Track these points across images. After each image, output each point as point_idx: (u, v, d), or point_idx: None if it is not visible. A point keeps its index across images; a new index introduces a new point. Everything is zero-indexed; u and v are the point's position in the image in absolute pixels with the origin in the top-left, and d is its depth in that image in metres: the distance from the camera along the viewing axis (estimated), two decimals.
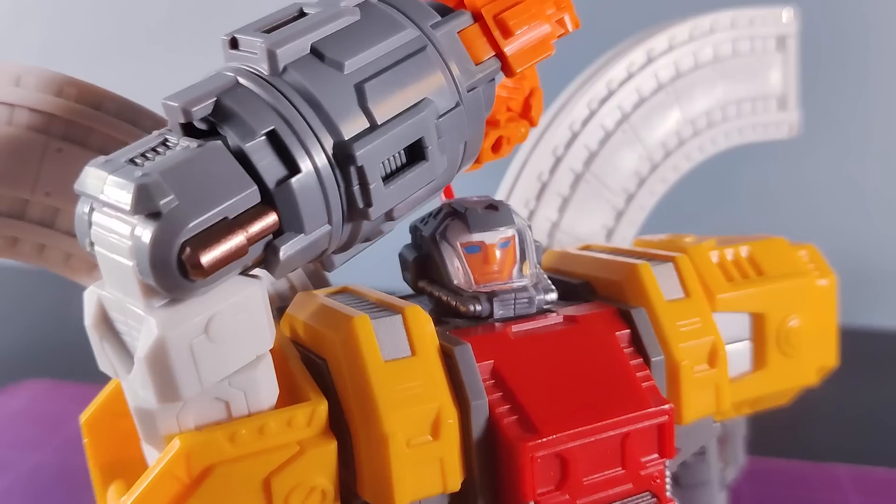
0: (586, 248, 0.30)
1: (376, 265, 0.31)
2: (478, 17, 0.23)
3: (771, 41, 0.36)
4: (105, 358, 0.21)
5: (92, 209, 0.20)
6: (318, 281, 0.28)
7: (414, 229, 0.27)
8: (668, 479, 0.24)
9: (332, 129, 0.20)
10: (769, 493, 0.46)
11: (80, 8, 0.71)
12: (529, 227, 0.26)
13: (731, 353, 0.27)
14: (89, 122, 0.25)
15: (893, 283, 0.65)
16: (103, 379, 0.24)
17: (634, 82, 0.33)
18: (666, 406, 0.23)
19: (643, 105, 0.34)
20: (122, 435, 0.24)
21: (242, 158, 0.20)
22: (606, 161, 0.33)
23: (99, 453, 0.24)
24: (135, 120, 0.25)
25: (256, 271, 0.21)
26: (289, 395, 0.22)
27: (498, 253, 0.25)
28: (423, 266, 0.26)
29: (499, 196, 0.33)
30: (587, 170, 0.33)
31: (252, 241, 0.19)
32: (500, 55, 0.24)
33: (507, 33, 0.23)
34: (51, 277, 0.36)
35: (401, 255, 0.27)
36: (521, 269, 0.26)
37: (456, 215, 0.26)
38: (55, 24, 0.73)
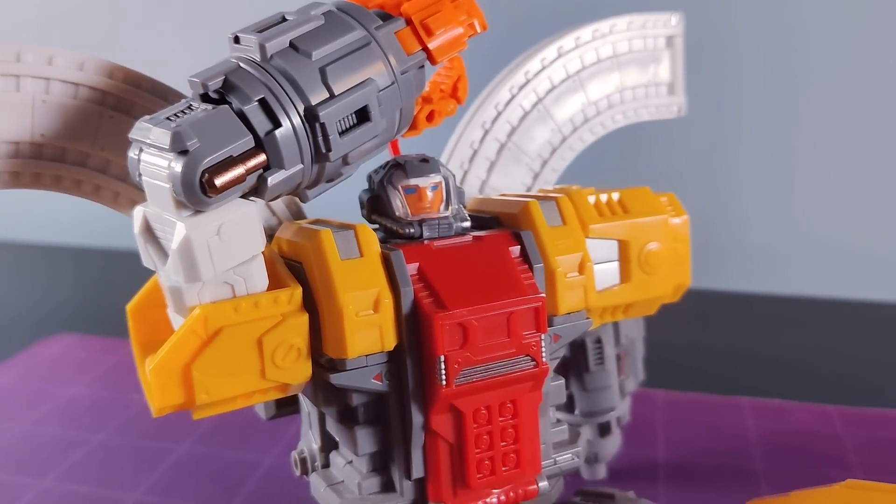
0: (502, 195, 0.40)
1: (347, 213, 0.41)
2: (409, 22, 0.33)
3: (661, 40, 0.46)
4: (148, 256, 0.31)
5: (140, 151, 0.29)
6: (297, 217, 0.38)
7: (369, 178, 0.36)
8: (543, 350, 0.33)
9: (303, 98, 0.30)
10: (683, 418, 0.57)
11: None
12: (453, 176, 0.36)
13: (602, 271, 0.37)
14: (132, 97, 0.34)
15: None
16: (121, 333, 0.33)
17: (547, 72, 0.43)
18: (540, 295, 0.33)
19: (554, 90, 0.43)
20: (157, 321, 0.33)
21: (242, 117, 0.29)
22: (525, 134, 0.43)
23: (139, 334, 0.34)
24: (164, 95, 0.34)
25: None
26: (275, 284, 0.31)
27: (429, 193, 0.35)
28: (374, 204, 0.36)
29: (442, 159, 0.42)
30: (509, 140, 0.43)
31: (249, 172, 0.29)
32: (425, 49, 0.33)
33: (429, 33, 0.33)
34: (77, 255, 0.45)
35: (359, 197, 0.37)
36: (446, 206, 0.35)
37: (398, 166, 0.35)
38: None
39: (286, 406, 0.38)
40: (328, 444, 0.36)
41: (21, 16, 0.96)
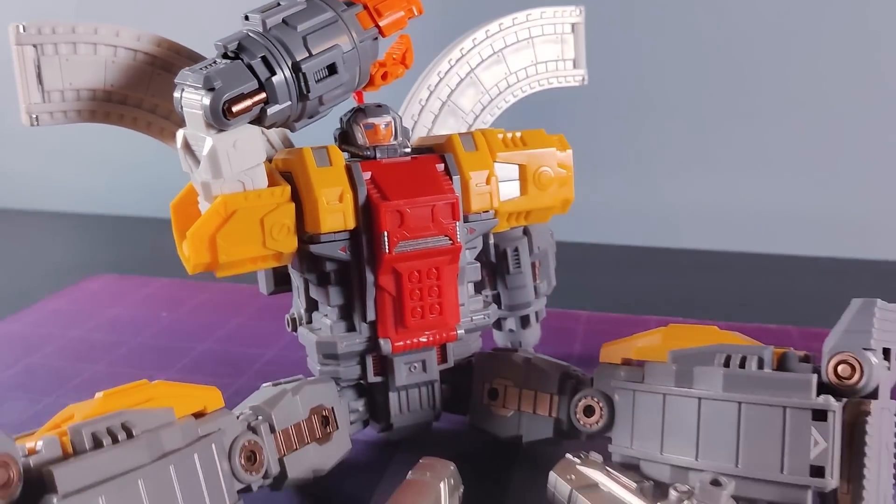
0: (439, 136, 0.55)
1: None
2: (365, 7, 0.48)
3: (568, 26, 0.60)
4: (186, 163, 0.45)
5: (182, 91, 0.44)
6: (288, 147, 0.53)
7: (340, 119, 0.51)
8: (458, 234, 0.48)
9: (291, 56, 0.44)
10: (599, 329, 0.71)
11: None
12: (400, 118, 0.51)
13: (507, 186, 0.51)
14: (173, 60, 0.49)
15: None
16: (149, 273, 0.47)
17: (477, 49, 0.57)
18: (456, 195, 0.47)
19: (483, 63, 0.58)
20: (190, 215, 0.48)
21: (250, 68, 0.44)
22: (460, 95, 0.57)
23: (178, 224, 0.48)
24: (195, 59, 0.49)
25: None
26: (273, 185, 0.46)
27: (382, 129, 0.49)
28: (344, 136, 0.50)
29: (400, 111, 0.57)
30: (448, 99, 0.57)
31: (254, 105, 0.44)
32: (377, 26, 0.48)
33: (380, 15, 0.48)
34: (110, 221, 0.60)
35: (333, 134, 0.51)
36: (394, 138, 0.50)
37: (361, 110, 0.50)
38: None
39: (282, 285, 0.53)
40: (311, 306, 0.51)
41: None
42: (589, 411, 0.48)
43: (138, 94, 0.49)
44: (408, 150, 0.50)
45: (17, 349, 0.67)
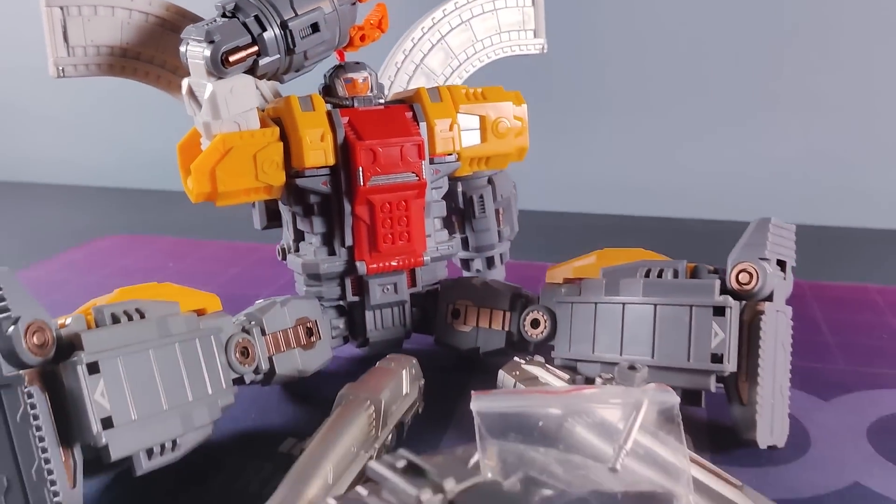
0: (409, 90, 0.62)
1: None
2: None
3: (527, 1, 0.68)
4: (190, 108, 0.53)
5: (187, 44, 0.52)
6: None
7: (324, 75, 0.59)
8: (424, 172, 0.55)
9: (279, 16, 0.52)
10: None
11: None
12: (376, 74, 0.58)
13: (469, 134, 0.59)
14: (179, 22, 0.56)
15: None
16: (154, 232, 0.55)
17: (447, 19, 0.65)
18: (421, 138, 0.55)
19: (452, 31, 0.66)
20: (194, 155, 0.56)
21: (245, 25, 0.52)
22: (432, 58, 0.65)
23: (183, 162, 0.56)
24: (197, 21, 0.57)
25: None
26: (264, 127, 0.54)
27: (360, 83, 0.57)
28: (327, 90, 0.58)
29: (379, 73, 0.65)
30: (421, 63, 0.65)
31: (248, 56, 0.51)
32: None
33: None
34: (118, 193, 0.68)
35: (318, 88, 0.59)
36: (371, 91, 0.58)
37: (342, 66, 0.58)
38: None
39: (273, 221, 0.60)
40: (298, 237, 0.58)
41: None
42: (535, 324, 0.55)
43: (149, 51, 0.57)
44: (382, 100, 0.58)
45: (40, 290, 0.75)
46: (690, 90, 1.08)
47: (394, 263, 0.57)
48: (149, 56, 0.57)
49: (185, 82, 0.53)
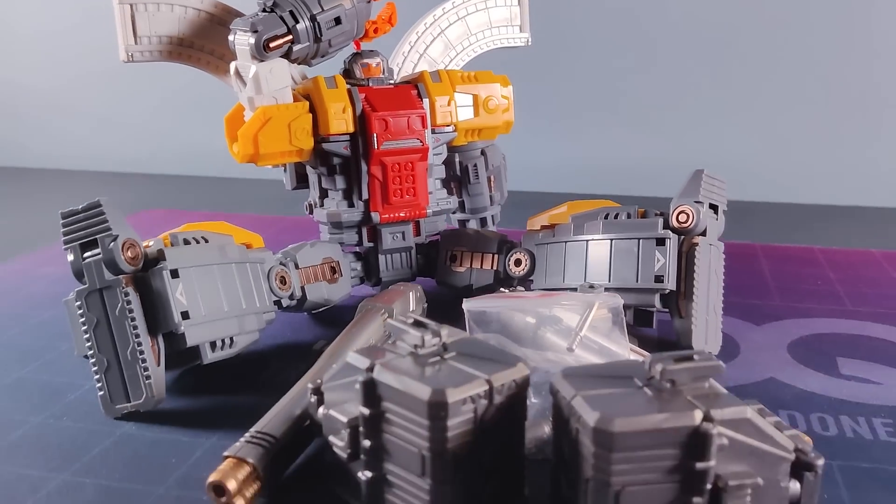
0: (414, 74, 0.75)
1: None
2: None
3: (513, 0, 0.81)
4: (236, 86, 0.66)
5: (235, 34, 0.64)
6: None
7: (343, 62, 0.71)
8: (427, 139, 0.68)
9: (310, 11, 0.65)
10: None
11: None
12: (387, 60, 0.71)
13: (464, 110, 0.71)
14: (225, 16, 0.69)
15: None
16: (194, 209, 0.68)
17: (446, 16, 0.78)
18: (424, 109, 0.68)
19: (450, 26, 0.78)
20: (238, 126, 0.68)
21: (281, 18, 0.64)
22: (433, 48, 0.77)
23: (229, 131, 0.68)
24: (238, 15, 0.70)
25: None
26: (296, 101, 0.66)
27: (374, 66, 0.70)
28: (346, 73, 0.70)
29: (389, 60, 0.77)
30: (425, 52, 0.78)
31: (284, 44, 0.64)
32: None
33: None
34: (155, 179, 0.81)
35: (340, 71, 0.72)
36: (382, 73, 0.70)
37: (358, 54, 0.70)
38: None
39: (301, 183, 0.73)
40: (322, 194, 0.71)
41: None
42: (518, 263, 0.67)
43: (201, 41, 0.69)
44: (392, 82, 0.70)
45: None
46: (671, 76, 1.20)
47: (402, 214, 0.69)
48: (200, 45, 0.69)
49: (232, 65, 0.65)
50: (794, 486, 0.38)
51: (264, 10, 0.65)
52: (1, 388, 0.56)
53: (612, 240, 0.61)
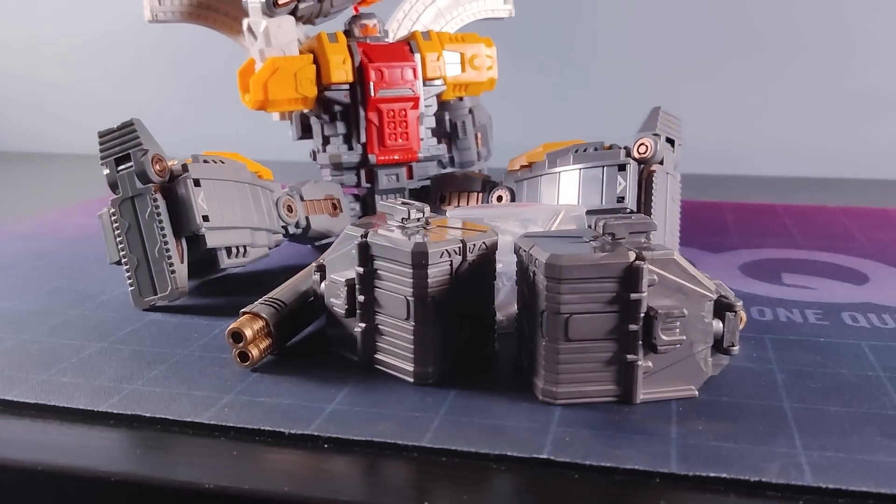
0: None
1: None
2: None
3: None
4: (249, 40, 0.74)
5: None
6: None
7: (345, 23, 0.80)
8: (418, 88, 0.76)
9: None
10: None
11: None
12: (383, 22, 0.79)
13: (452, 67, 0.80)
14: None
15: None
16: None
17: None
18: (415, 61, 0.76)
19: None
20: (248, 79, 0.76)
21: None
22: (425, 16, 0.86)
23: (241, 83, 0.76)
24: None
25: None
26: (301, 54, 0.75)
27: (371, 26, 0.78)
28: (347, 33, 0.79)
29: (392, 18, 0.85)
30: (418, 20, 0.86)
31: (291, 3, 0.72)
32: None
33: None
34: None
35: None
36: (378, 33, 0.79)
37: (357, 16, 0.79)
38: None
39: (305, 132, 0.81)
40: (325, 141, 0.79)
41: None
42: (500, 199, 0.75)
43: (216, 3, 0.78)
44: (388, 39, 0.79)
45: None
46: (651, 44, 1.29)
47: (396, 157, 0.77)
48: (216, 7, 0.78)
49: (244, 22, 0.74)
50: (718, 324, 0.45)
51: None
52: (40, 293, 0.64)
53: (580, 169, 0.69)
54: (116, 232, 0.59)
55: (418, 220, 0.49)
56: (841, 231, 0.83)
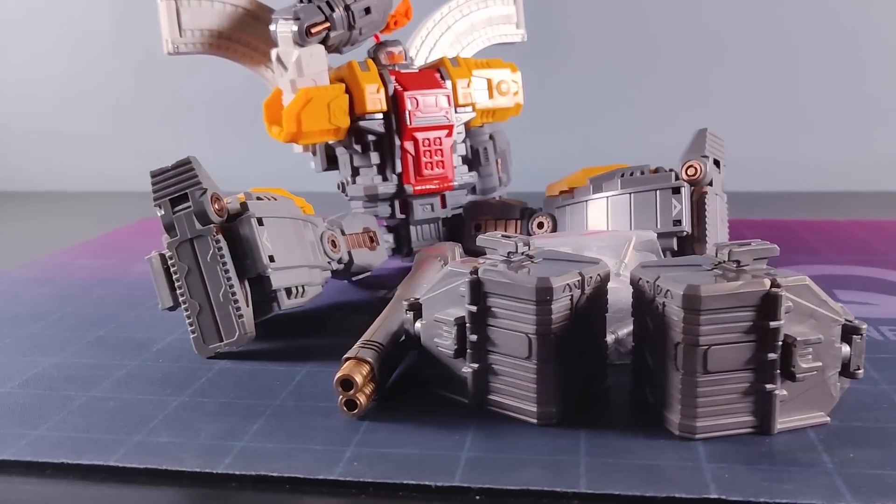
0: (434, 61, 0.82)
1: None
2: None
3: (510, 0, 0.88)
4: (278, 71, 0.71)
5: (276, 23, 0.70)
6: None
7: (368, 52, 0.78)
8: (453, 116, 0.74)
9: (343, 1, 0.71)
10: None
11: None
12: (407, 50, 0.78)
13: (479, 92, 0.78)
14: (258, 11, 0.75)
15: None
16: None
17: (452, 13, 0.85)
18: (448, 88, 0.74)
19: (457, 22, 0.85)
20: (275, 111, 0.74)
21: (319, 8, 0.70)
22: (442, 42, 0.85)
23: (268, 116, 0.73)
24: (269, 11, 0.76)
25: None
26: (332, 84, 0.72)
27: (397, 53, 0.76)
28: (372, 56, 0.77)
29: (410, 43, 0.83)
30: (435, 45, 0.84)
31: (322, 30, 0.70)
32: None
33: None
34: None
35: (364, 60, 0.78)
36: (405, 59, 0.77)
37: (383, 43, 0.77)
38: None
39: (331, 164, 0.78)
40: (354, 173, 0.76)
41: None
42: (540, 226, 0.74)
43: (238, 34, 0.75)
44: (415, 67, 0.77)
45: (116, 249, 0.91)
46: (658, 69, 1.30)
47: (432, 186, 0.75)
48: (237, 38, 0.75)
49: (273, 52, 0.71)
50: (845, 348, 0.45)
51: (300, 2, 0.71)
52: (85, 345, 0.60)
53: (631, 193, 0.68)
54: (176, 276, 0.56)
55: (524, 252, 0.48)
56: (863, 245, 0.85)
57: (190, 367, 0.55)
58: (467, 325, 0.46)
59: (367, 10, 0.73)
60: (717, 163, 0.69)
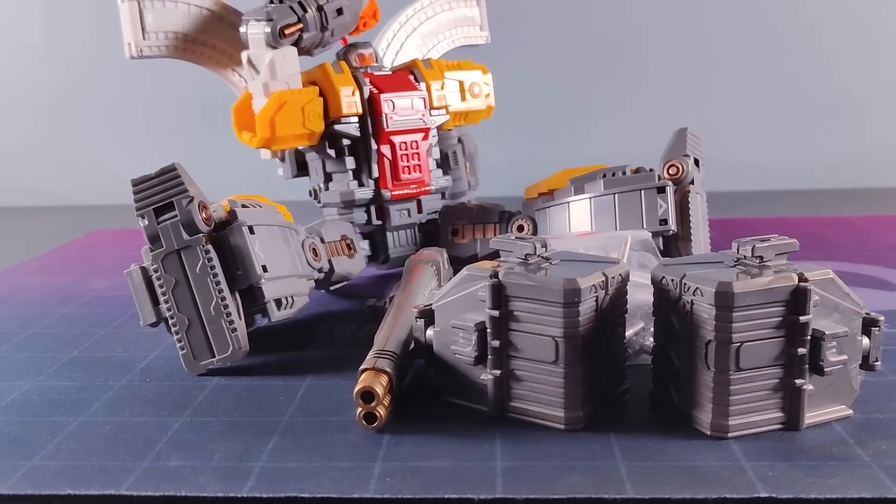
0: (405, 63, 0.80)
1: None
2: None
3: (473, 3, 0.87)
4: (250, 73, 0.68)
5: (247, 24, 0.68)
6: None
7: (336, 54, 0.75)
8: (427, 118, 0.73)
9: (316, 2, 0.69)
10: None
11: None
12: (377, 52, 0.76)
13: (452, 94, 0.77)
14: (224, 13, 0.72)
15: None
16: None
17: (417, 15, 0.83)
18: (423, 91, 0.73)
19: (421, 25, 0.84)
20: (245, 115, 0.71)
21: (292, 9, 0.68)
22: (410, 43, 0.83)
23: (238, 121, 0.71)
24: (237, 14, 0.73)
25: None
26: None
27: (368, 56, 0.74)
28: (342, 59, 0.75)
29: (378, 45, 0.81)
30: (401, 48, 0.83)
31: (295, 31, 0.68)
32: None
33: None
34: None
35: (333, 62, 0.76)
36: (376, 61, 0.75)
37: (353, 45, 0.75)
38: None
39: (301, 170, 0.76)
40: (327, 179, 0.74)
41: None
42: (521, 228, 0.73)
43: (203, 37, 0.72)
44: (386, 68, 0.75)
45: (67, 265, 0.86)
46: (621, 71, 1.31)
47: (410, 191, 0.73)
48: (203, 40, 0.72)
49: (244, 54, 0.68)
50: (865, 341, 0.45)
51: (272, 2, 0.68)
52: (60, 367, 0.56)
53: (615, 193, 0.68)
54: (161, 290, 0.53)
55: (541, 254, 0.46)
56: (820, 240, 0.87)
57: (182, 385, 0.52)
58: (488, 330, 0.45)
59: (340, 11, 0.70)
60: (696, 162, 0.69)
